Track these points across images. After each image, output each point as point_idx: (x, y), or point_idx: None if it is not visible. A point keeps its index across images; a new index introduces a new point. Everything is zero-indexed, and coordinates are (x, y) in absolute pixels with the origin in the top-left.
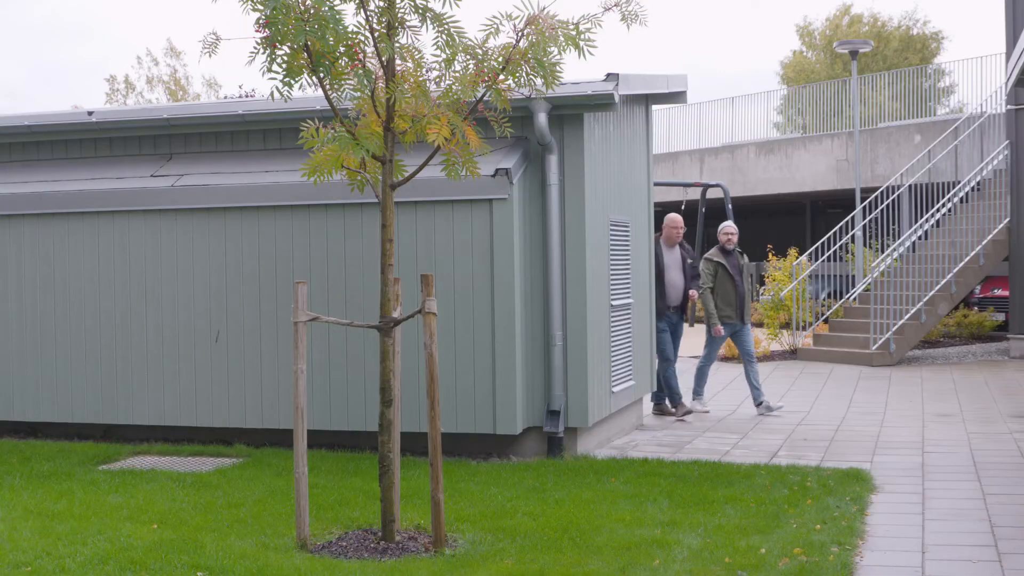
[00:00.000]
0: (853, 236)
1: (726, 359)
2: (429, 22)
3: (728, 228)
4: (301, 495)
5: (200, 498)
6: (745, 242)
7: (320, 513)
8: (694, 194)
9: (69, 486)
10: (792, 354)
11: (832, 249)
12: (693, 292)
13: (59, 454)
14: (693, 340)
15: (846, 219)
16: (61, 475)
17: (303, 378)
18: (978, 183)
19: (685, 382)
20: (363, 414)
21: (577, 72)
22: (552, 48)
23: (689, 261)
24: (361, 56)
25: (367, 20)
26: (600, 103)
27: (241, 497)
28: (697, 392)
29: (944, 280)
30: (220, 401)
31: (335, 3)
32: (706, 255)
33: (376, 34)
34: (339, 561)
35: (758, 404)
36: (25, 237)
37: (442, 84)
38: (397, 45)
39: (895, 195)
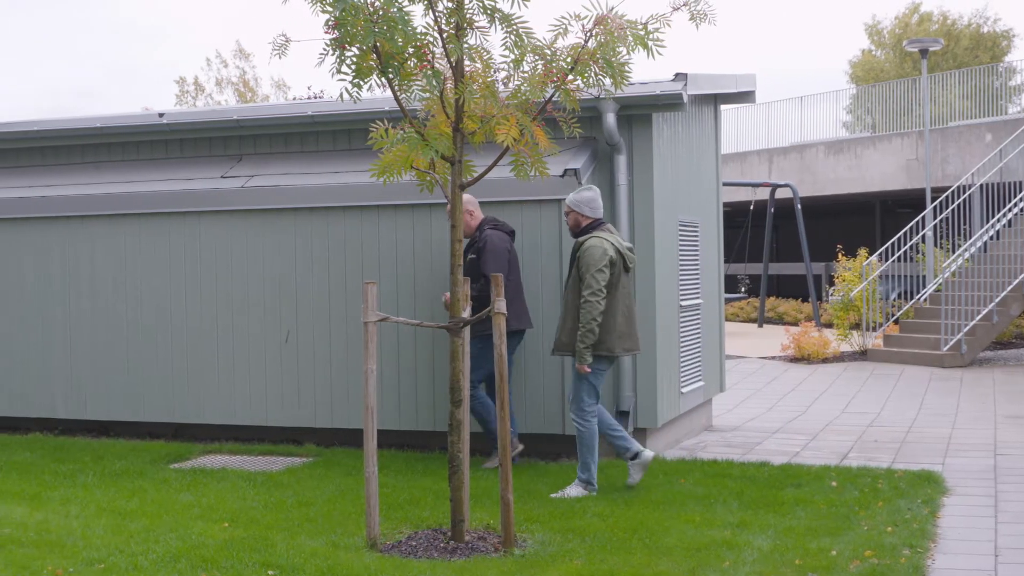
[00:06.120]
0: (923, 236)
1: (796, 359)
2: (497, 23)
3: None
4: (371, 494)
5: (270, 497)
6: (815, 242)
7: (390, 512)
8: (763, 194)
9: (141, 484)
10: (862, 355)
11: (902, 249)
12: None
13: (131, 453)
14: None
15: (916, 219)
16: (133, 473)
17: (373, 378)
18: None
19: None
20: (432, 414)
21: (645, 72)
22: (620, 48)
23: (469, 256)
24: (430, 57)
25: (436, 21)
26: (669, 103)
27: (311, 496)
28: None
29: (1016, 280)
30: (290, 400)
31: (404, 4)
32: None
33: (445, 35)
34: (409, 560)
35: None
36: (97, 238)
37: (511, 84)
38: (466, 46)
39: (966, 195)
